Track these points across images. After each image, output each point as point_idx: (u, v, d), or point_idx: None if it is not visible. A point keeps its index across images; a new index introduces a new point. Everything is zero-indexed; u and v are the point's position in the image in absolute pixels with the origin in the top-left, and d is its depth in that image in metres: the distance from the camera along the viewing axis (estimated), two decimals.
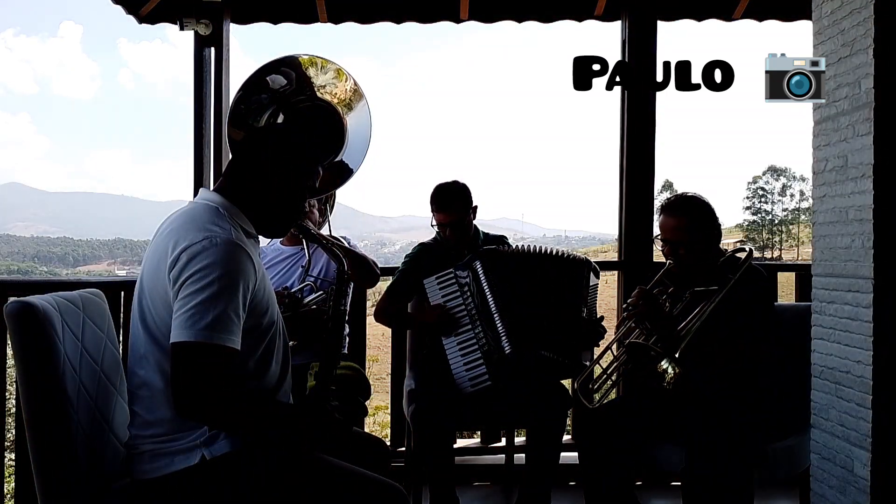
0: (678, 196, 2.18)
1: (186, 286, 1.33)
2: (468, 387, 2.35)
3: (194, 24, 3.09)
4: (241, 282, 1.36)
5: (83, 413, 1.48)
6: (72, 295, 1.59)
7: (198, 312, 1.31)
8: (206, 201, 1.48)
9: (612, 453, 2.10)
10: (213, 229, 1.38)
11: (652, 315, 2.01)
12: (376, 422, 12.20)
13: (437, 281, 2.45)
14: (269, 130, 1.81)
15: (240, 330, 1.36)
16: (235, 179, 1.52)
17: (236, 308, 1.35)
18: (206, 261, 1.33)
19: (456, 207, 2.50)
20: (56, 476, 1.42)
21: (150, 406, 1.42)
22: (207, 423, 1.38)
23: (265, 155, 1.51)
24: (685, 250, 2.10)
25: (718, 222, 2.16)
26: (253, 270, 1.41)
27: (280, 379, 1.54)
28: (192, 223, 1.41)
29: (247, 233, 1.49)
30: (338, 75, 2.16)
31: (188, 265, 1.34)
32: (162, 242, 1.41)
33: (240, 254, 1.37)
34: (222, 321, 1.32)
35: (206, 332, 1.31)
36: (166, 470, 1.40)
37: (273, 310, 1.51)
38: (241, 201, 1.50)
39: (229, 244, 1.36)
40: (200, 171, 3.17)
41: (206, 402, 1.32)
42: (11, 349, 1.46)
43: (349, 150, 2.17)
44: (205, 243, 1.35)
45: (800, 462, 2.09)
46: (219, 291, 1.32)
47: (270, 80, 2.10)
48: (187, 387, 1.31)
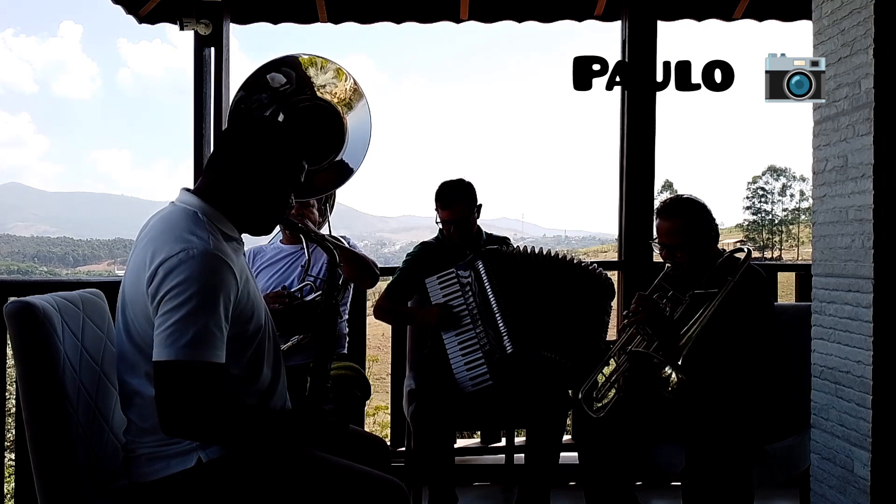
0: (673, 198, 2.17)
1: (165, 302, 1.30)
2: (469, 386, 2.35)
3: (194, 24, 3.09)
4: (222, 294, 1.33)
5: (83, 413, 1.48)
6: (72, 295, 1.59)
7: (177, 330, 1.28)
8: (185, 205, 1.44)
9: (612, 453, 2.10)
10: (191, 239, 1.34)
11: (652, 321, 2.01)
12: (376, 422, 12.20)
13: (438, 280, 2.45)
14: (253, 122, 1.75)
15: (223, 343, 1.34)
16: (216, 176, 1.47)
17: (217, 321, 1.32)
18: (183, 275, 1.30)
19: (461, 205, 2.49)
20: (56, 476, 1.42)
21: (144, 415, 1.41)
22: (196, 439, 1.37)
23: (248, 146, 1.46)
24: (682, 253, 2.10)
25: (715, 223, 2.15)
26: (234, 279, 1.37)
27: (273, 381, 1.52)
28: (169, 232, 1.37)
29: (227, 237, 1.44)
30: (338, 75, 2.16)
31: (165, 280, 1.30)
32: (140, 253, 1.38)
33: (218, 265, 1.33)
34: (204, 337, 1.29)
35: (188, 349, 1.28)
36: (163, 473, 1.40)
37: (259, 314, 1.48)
38: (222, 200, 1.46)
39: (206, 255, 1.32)
40: (200, 172, 3.17)
41: (193, 420, 1.30)
42: (11, 349, 1.46)
43: (349, 150, 2.17)
44: (181, 256, 1.31)
45: (800, 462, 2.09)
46: (198, 306, 1.29)
47: (270, 80, 2.11)
48: (173, 406, 1.29)
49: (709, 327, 1.98)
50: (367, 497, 1.45)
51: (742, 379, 2.10)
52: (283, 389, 1.57)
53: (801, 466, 2.10)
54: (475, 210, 2.54)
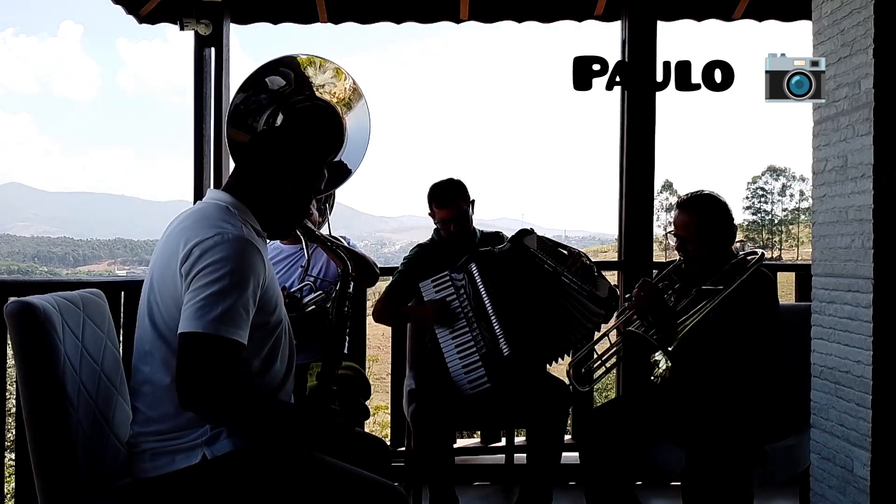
0: (694, 193, 2.19)
1: (197, 279, 1.35)
2: (467, 389, 2.35)
3: (194, 24, 3.09)
4: (252, 278, 1.38)
5: (83, 413, 1.48)
6: (72, 295, 1.59)
7: (207, 304, 1.32)
8: (216, 201, 1.50)
9: (613, 453, 2.10)
10: (225, 226, 1.40)
11: (654, 307, 2.02)
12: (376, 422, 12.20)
13: (432, 284, 2.45)
14: (275, 133, 1.82)
15: (248, 325, 1.38)
16: (242, 181, 1.54)
17: (245, 303, 1.36)
18: (218, 255, 1.35)
19: (456, 202, 2.50)
20: (56, 476, 1.42)
21: (153, 402, 1.43)
22: (208, 413, 1.38)
23: (272, 158, 1.53)
24: (694, 247, 2.11)
25: (733, 223, 2.16)
26: (263, 267, 1.43)
27: (283, 378, 1.54)
28: (203, 221, 1.43)
29: (256, 231, 1.51)
30: (336, 74, 2.15)
31: (200, 259, 1.35)
32: (173, 240, 1.43)
33: (251, 250, 1.39)
34: (231, 315, 1.33)
35: (215, 323, 1.32)
36: (167, 469, 1.41)
37: (280, 308, 1.53)
38: (249, 201, 1.52)
39: (241, 240, 1.38)
40: (200, 171, 3.18)
41: (209, 392, 1.32)
42: (12, 349, 1.46)
43: (348, 150, 2.16)
44: (217, 238, 1.37)
45: (799, 462, 2.09)
46: (229, 285, 1.34)
47: (269, 81, 2.10)
48: (192, 376, 1.32)
49: (708, 322, 1.99)
50: (365, 501, 1.45)
51: (740, 378, 2.10)
52: (290, 388, 1.59)
53: (800, 466, 2.10)
54: (470, 205, 2.55)
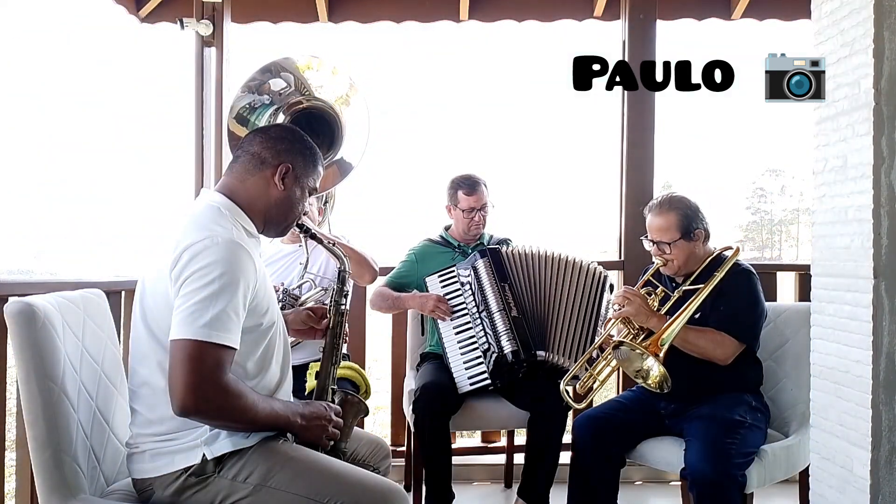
0: (663, 196, 2.20)
1: (187, 284, 1.34)
2: (467, 384, 2.35)
3: (194, 24, 3.09)
4: (242, 281, 1.37)
5: (83, 413, 1.49)
6: (73, 295, 1.59)
7: (197, 310, 1.32)
8: (208, 201, 1.49)
9: (607, 452, 2.10)
10: (215, 229, 1.40)
11: (638, 315, 2.03)
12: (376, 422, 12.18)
13: (439, 278, 2.46)
14: (270, 130, 1.81)
15: (239, 329, 1.37)
16: (237, 180, 1.53)
17: (236, 307, 1.35)
18: (207, 259, 1.34)
19: (482, 190, 2.58)
20: (56, 476, 1.42)
21: (152, 404, 1.42)
22: (204, 419, 1.38)
23: (268, 154, 1.51)
24: (672, 249, 2.11)
25: (706, 222, 2.17)
26: (254, 270, 1.41)
27: (280, 379, 1.54)
28: (193, 224, 1.42)
29: (248, 232, 1.50)
30: (334, 72, 2.16)
31: (189, 263, 1.34)
32: (167, 245, 1.42)
33: (241, 253, 1.38)
34: (221, 319, 1.32)
35: (205, 329, 1.31)
36: (167, 469, 1.40)
37: (273, 310, 1.52)
38: (243, 201, 1.51)
39: (230, 243, 1.37)
40: (201, 171, 3.17)
41: (203, 398, 1.32)
42: (12, 349, 1.46)
43: (348, 146, 2.17)
44: (206, 242, 1.36)
45: (799, 462, 2.09)
46: (219, 290, 1.33)
47: (269, 82, 2.11)
48: (184, 383, 1.31)
49: (694, 322, 2.01)
50: (365, 501, 1.44)
51: (742, 378, 2.10)
52: (288, 389, 1.58)
53: (800, 466, 2.10)
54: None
